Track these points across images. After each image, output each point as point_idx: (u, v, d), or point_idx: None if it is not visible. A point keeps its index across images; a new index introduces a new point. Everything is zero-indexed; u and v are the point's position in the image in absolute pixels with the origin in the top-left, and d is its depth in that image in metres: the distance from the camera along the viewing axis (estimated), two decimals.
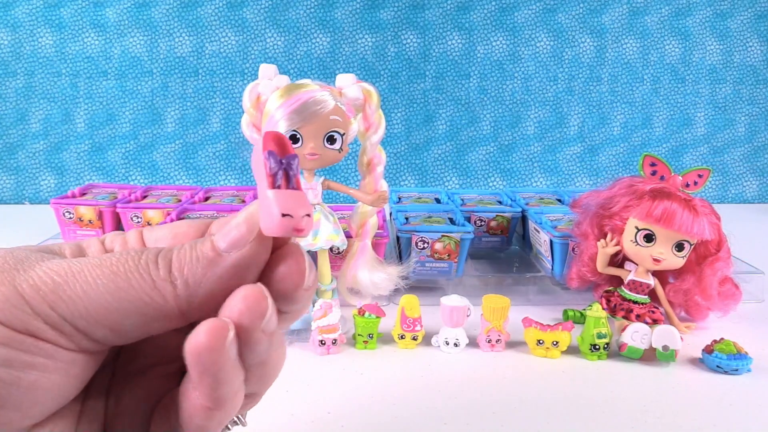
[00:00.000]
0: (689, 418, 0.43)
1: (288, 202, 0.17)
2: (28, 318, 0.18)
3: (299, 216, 0.18)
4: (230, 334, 0.18)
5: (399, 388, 0.46)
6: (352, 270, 0.56)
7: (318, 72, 1.07)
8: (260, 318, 0.19)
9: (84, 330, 0.18)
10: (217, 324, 0.18)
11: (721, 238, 0.54)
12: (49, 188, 1.07)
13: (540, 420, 0.42)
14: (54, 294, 0.18)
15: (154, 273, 0.19)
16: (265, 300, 0.19)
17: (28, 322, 0.18)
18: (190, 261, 0.19)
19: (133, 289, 0.18)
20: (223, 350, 0.18)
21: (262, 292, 0.19)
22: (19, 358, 0.17)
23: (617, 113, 1.12)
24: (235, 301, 0.19)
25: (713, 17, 1.10)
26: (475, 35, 1.08)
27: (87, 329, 0.18)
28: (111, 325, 0.18)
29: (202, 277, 0.19)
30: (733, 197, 1.16)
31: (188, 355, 0.18)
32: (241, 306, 0.18)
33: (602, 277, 0.58)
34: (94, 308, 0.18)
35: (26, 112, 1.05)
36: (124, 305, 0.18)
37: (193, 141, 1.07)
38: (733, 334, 0.52)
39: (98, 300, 0.18)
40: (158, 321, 0.19)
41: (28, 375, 0.18)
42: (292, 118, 0.49)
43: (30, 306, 0.18)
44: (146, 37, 1.04)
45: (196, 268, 0.19)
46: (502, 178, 1.13)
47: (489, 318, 0.52)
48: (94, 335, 0.19)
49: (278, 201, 0.17)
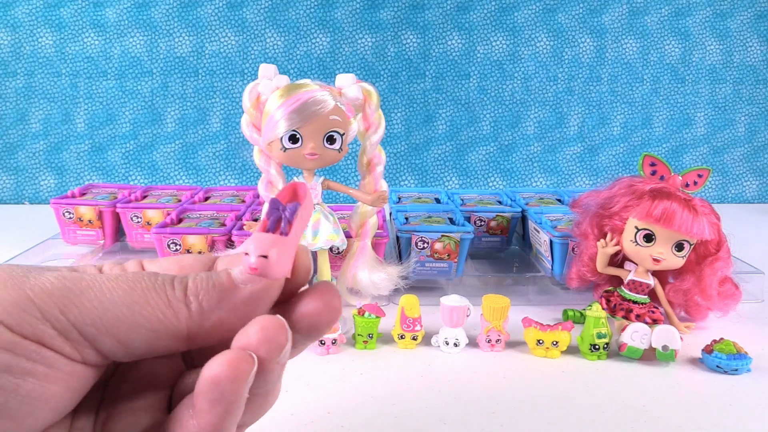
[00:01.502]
0: (689, 418, 0.43)
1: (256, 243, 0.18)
2: (36, 322, 0.18)
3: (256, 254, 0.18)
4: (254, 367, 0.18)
5: (399, 388, 0.46)
6: (352, 270, 0.56)
7: (318, 72, 1.07)
8: (278, 350, 0.19)
9: (92, 339, 0.18)
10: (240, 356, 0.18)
11: (721, 238, 0.54)
12: (49, 188, 1.07)
13: (540, 420, 0.42)
14: (66, 299, 0.18)
15: (170, 293, 0.19)
16: (285, 333, 0.19)
17: (35, 326, 0.18)
18: (206, 287, 0.19)
19: (148, 305, 0.18)
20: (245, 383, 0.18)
21: (283, 324, 0.19)
22: (20, 365, 0.17)
23: (617, 113, 1.12)
24: (253, 330, 0.19)
25: (713, 17, 1.10)
26: (475, 35, 1.08)
27: (95, 338, 0.18)
28: (120, 337, 0.18)
29: (216, 304, 0.19)
30: (733, 197, 1.16)
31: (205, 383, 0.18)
32: (260, 336, 0.18)
33: (602, 277, 0.58)
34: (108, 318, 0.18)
35: (26, 112, 1.05)
36: (138, 319, 0.18)
37: (193, 141, 1.07)
38: (733, 334, 0.52)
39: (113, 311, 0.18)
40: (166, 340, 0.19)
41: (27, 383, 0.17)
42: (292, 118, 0.49)
43: (40, 310, 0.18)
44: (146, 37, 1.04)
45: (211, 295, 0.19)
46: (502, 178, 1.13)
47: (489, 318, 0.52)
48: (101, 346, 0.18)
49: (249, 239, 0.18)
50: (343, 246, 0.57)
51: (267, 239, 0.18)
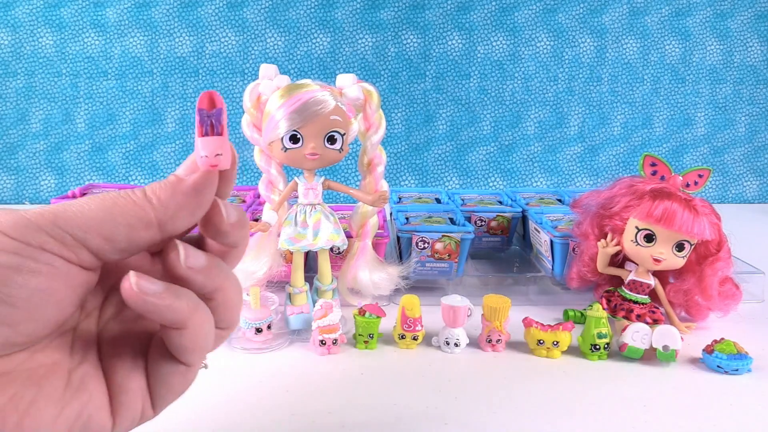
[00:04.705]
0: (689, 418, 0.43)
1: (206, 146, 0.24)
2: (34, 232, 0.21)
3: (213, 155, 0.24)
4: None
5: (399, 388, 0.46)
6: (353, 270, 0.56)
7: (318, 72, 1.07)
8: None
9: (82, 240, 0.22)
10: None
11: (722, 238, 0.54)
12: (50, 188, 1.07)
13: (540, 420, 0.42)
14: (55, 215, 0.22)
15: (134, 197, 0.23)
16: None
17: (35, 235, 0.21)
18: (160, 186, 0.24)
19: (119, 206, 0.23)
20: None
21: None
22: (27, 264, 0.21)
23: (617, 113, 1.12)
24: None
25: (713, 17, 1.10)
26: (475, 35, 1.08)
27: (85, 239, 0.22)
28: (105, 234, 0.22)
29: (171, 195, 0.24)
30: (733, 197, 1.16)
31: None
32: None
33: (603, 277, 0.58)
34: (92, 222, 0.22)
35: (26, 112, 1.05)
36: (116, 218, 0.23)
37: (193, 141, 1.07)
38: (734, 334, 0.52)
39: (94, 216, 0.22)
40: (141, 230, 0.23)
41: (35, 279, 0.21)
42: (292, 118, 0.49)
43: (36, 224, 0.22)
44: (146, 37, 1.05)
45: (165, 189, 0.24)
46: (503, 178, 1.13)
47: (489, 318, 0.52)
48: (91, 244, 0.22)
49: (200, 145, 0.24)
50: (344, 246, 0.57)
51: (216, 142, 0.24)
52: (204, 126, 0.24)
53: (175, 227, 0.24)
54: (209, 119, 0.25)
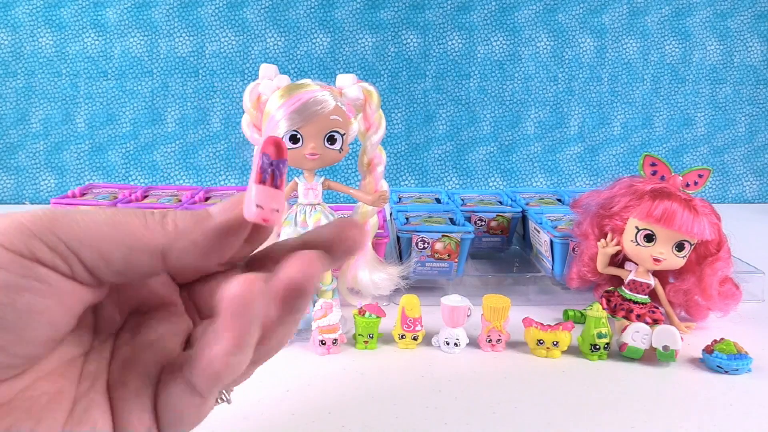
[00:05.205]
0: (689, 418, 0.43)
1: (264, 197, 0.21)
2: (28, 239, 0.20)
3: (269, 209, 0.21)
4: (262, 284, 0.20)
5: (399, 388, 0.46)
6: (353, 270, 0.56)
7: (318, 72, 1.07)
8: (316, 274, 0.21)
9: (77, 251, 0.21)
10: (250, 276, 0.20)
11: (722, 238, 0.54)
12: (50, 188, 1.07)
13: (540, 420, 0.42)
14: (54, 221, 0.21)
15: (149, 218, 0.22)
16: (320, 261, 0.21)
17: (28, 242, 0.20)
18: (184, 214, 0.22)
19: (127, 224, 0.21)
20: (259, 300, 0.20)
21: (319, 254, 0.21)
22: (16, 282, 0.20)
23: (617, 113, 1.12)
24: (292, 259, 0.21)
25: (713, 17, 1.10)
26: (475, 35, 1.08)
27: (80, 251, 0.21)
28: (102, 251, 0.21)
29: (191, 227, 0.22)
30: (733, 197, 1.16)
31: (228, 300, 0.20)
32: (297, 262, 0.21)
33: (602, 277, 0.58)
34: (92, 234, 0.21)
35: (26, 112, 1.05)
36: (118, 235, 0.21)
37: (193, 141, 1.07)
38: (734, 334, 0.52)
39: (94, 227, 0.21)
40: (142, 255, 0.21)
41: (23, 297, 0.20)
42: (292, 118, 0.49)
43: (31, 230, 0.20)
44: (146, 37, 1.05)
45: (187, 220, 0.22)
46: (503, 178, 1.13)
47: (489, 318, 0.52)
48: (83, 256, 0.21)
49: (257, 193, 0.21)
50: None
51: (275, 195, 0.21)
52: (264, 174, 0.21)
53: (181, 262, 0.22)
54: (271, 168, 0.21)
